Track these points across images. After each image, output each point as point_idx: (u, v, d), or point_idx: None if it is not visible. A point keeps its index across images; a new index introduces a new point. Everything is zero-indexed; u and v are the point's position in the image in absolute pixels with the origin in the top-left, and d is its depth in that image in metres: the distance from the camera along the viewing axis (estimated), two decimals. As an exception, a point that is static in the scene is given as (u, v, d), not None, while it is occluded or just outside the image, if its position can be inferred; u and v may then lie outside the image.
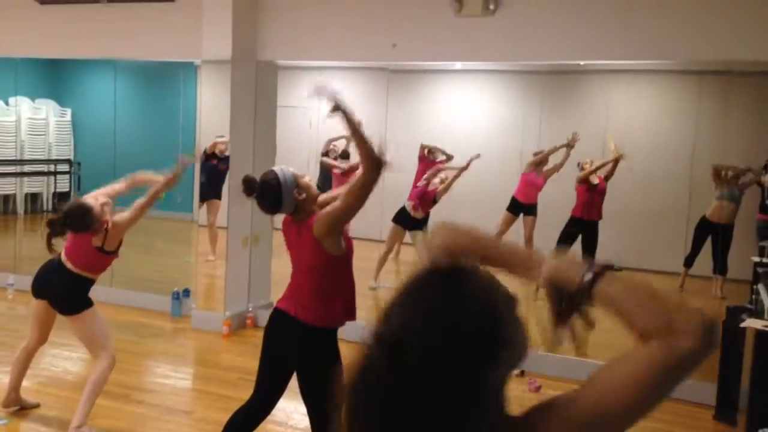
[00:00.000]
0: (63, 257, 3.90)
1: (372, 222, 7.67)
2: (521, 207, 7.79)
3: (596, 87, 8.76)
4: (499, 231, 8.00)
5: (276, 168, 3.06)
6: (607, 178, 7.23)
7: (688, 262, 7.36)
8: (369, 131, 3.11)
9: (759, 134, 7.11)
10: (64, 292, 3.89)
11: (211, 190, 7.65)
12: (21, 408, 4.15)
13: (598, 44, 5.26)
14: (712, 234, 7.07)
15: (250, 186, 3.04)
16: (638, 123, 8.47)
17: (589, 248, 7.06)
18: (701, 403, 4.70)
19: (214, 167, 7.55)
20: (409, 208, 7.59)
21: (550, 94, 8.26)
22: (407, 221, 7.59)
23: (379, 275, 7.41)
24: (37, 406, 4.24)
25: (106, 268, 4.03)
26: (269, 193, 2.99)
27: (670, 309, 1.07)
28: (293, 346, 3.02)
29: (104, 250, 3.88)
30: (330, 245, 2.93)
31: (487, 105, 9.53)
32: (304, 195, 3.00)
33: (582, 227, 7.09)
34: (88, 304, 3.93)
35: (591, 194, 7.14)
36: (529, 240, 8.00)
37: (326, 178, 8.26)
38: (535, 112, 7.79)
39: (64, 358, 5.12)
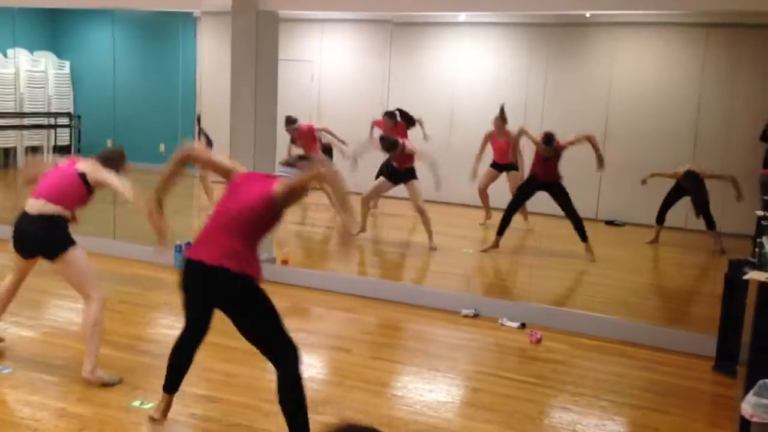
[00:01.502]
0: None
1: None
2: (500, 165, 8.01)
3: (602, 40, 8.64)
4: (482, 182, 8.02)
5: None
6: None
7: (659, 219, 7.68)
8: (370, 86, 3.24)
9: (767, 88, 7.04)
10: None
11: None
12: None
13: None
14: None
15: None
16: (644, 76, 8.38)
17: (565, 205, 7.07)
18: (701, 354, 4.75)
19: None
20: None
21: (555, 47, 8.16)
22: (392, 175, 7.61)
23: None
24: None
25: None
26: None
27: None
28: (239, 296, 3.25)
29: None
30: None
31: (492, 58, 9.41)
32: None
33: (540, 186, 7.13)
34: (72, 242, 3.99)
35: (544, 159, 7.11)
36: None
37: None
38: (541, 66, 7.70)
39: (69, 309, 5.15)
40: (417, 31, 9.45)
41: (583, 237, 7.07)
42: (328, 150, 8.57)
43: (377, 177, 7.73)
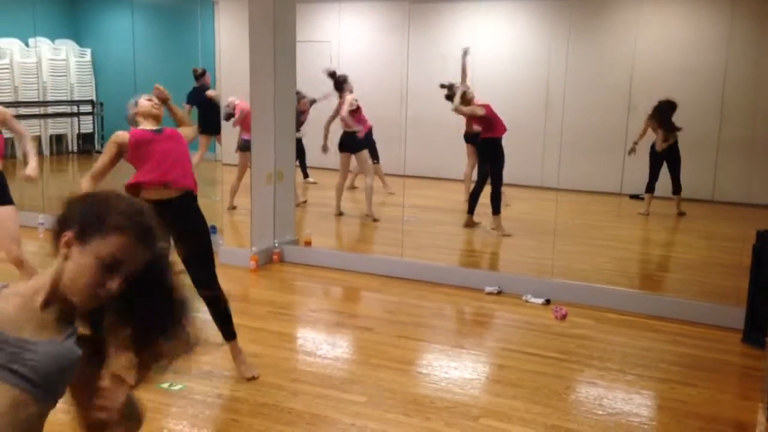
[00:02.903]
0: None
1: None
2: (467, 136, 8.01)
3: (625, 10, 8.49)
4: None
5: None
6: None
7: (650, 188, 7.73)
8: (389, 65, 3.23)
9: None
10: None
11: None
12: None
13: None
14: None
15: None
16: (668, 47, 8.22)
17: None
18: (729, 327, 4.70)
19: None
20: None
21: (577, 19, 8.03)
22: (350, 144, 7.74)
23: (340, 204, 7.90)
24: None
25: None
26: None
27: None
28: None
29: None
30: None
31: (512, 33, 9.30)
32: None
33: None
34: None
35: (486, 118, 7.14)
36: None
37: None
38: (562, 39, 7.58)
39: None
40: (435, 8, 9.36)
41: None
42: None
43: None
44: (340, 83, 7.81)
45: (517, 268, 6.26)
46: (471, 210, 7.28)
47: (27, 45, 10.77)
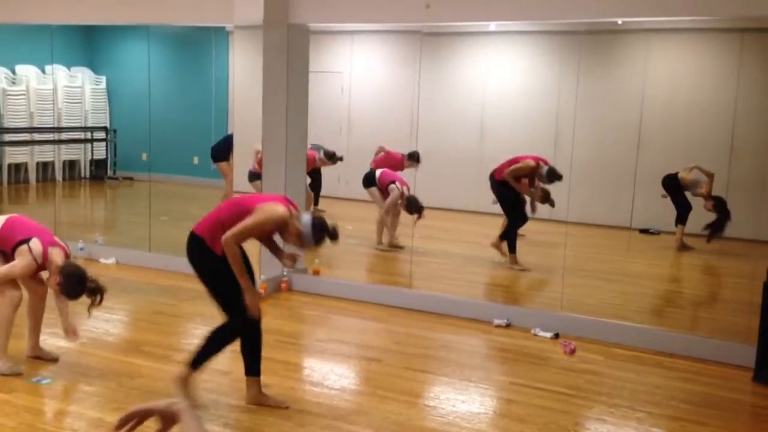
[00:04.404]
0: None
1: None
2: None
3: (634, 47, 8.55)
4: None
5: None
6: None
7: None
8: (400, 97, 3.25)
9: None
10: None
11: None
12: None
13: (636, 1, 5.12)
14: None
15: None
16: (677, 83, 8.28)
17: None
18: (740, 365, 4.66)
19: None
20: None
21: (587, 55, 8.09)
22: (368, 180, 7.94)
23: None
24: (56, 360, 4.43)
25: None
26: None
27: None
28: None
29: None
30: None
31: (522, 67, 9.38)
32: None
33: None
34: None
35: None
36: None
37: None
38: (572, 74, 7.64)
39: (105, 320, 5.23)
40: (447, 40, 9.46)
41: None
42: (317, 171, 8.63)
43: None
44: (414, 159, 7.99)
45: (526, 301, 6.24)
46: (512, 249, 7.15)
47: (44, 72, 10.94)
